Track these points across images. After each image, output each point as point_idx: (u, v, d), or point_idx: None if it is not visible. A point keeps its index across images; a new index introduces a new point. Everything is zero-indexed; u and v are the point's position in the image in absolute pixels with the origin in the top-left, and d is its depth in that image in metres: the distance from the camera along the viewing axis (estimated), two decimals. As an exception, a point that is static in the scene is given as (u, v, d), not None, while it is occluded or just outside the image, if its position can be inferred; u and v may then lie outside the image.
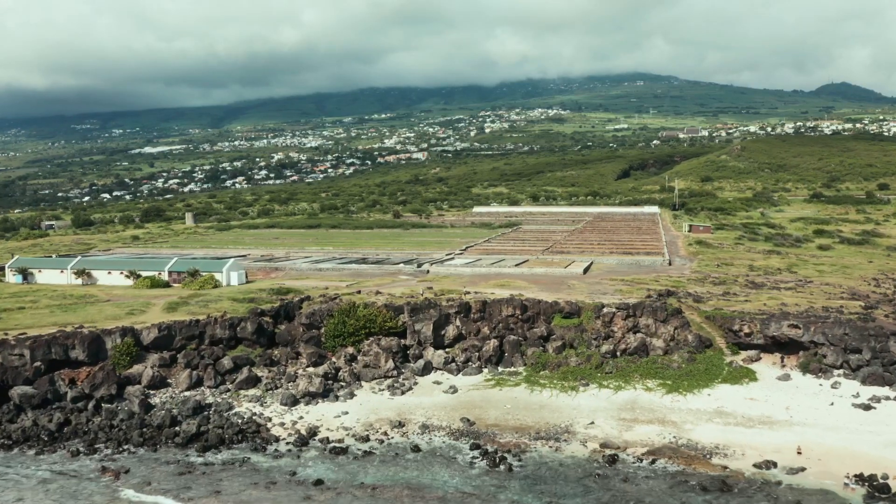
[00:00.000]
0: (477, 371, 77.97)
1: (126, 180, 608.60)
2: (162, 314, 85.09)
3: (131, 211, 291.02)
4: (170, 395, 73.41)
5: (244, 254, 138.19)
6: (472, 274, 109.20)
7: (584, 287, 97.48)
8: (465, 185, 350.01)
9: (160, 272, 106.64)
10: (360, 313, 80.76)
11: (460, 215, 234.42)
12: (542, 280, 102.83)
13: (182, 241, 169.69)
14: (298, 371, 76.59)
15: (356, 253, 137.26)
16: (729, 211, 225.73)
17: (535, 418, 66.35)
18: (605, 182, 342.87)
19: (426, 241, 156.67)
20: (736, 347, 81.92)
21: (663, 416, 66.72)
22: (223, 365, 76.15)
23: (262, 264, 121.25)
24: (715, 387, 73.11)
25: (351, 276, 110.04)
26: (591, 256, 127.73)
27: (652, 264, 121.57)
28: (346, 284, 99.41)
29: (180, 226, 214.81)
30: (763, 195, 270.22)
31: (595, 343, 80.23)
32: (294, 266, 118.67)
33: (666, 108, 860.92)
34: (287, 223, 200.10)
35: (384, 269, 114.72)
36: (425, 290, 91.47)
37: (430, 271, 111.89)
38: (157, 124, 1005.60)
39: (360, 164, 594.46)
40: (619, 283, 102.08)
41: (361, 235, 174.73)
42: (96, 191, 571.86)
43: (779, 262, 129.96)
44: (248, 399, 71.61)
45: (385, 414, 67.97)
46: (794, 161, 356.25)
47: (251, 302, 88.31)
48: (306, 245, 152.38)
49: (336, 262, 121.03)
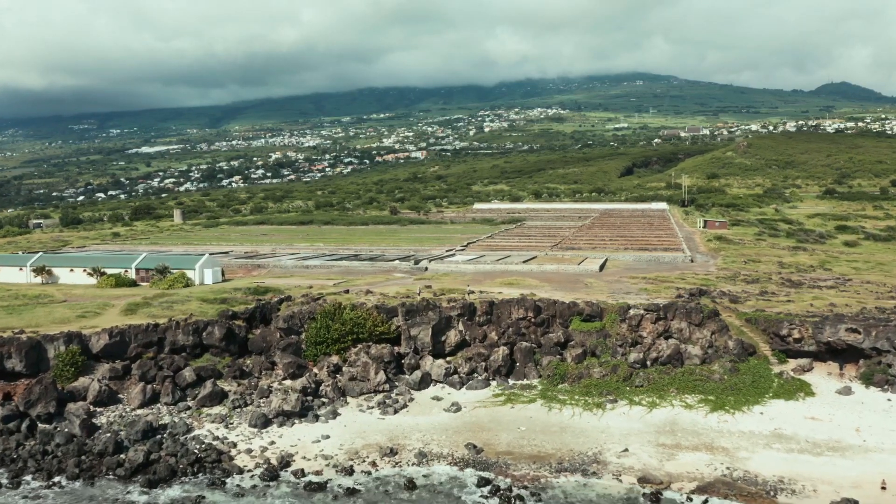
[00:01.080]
0: (484, 384, 65.81)
1: (122, 180, 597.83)
2: (119, 317, 72.96)
3: (122, 209, 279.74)
4: (119, 413, 61.23)
5: (227, 250, 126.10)
6: (475, 271, 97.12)
7: (603, 286, 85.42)
8: (464, 182, 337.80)
9: (126, 269, 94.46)
10: (346, 316, 68.53)
11: (460, 212, 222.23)
12: (555, 278, 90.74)
13: (164, 237, 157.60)
14: (273, 385, 64.47)
15: (348, 249, 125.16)
16: (741, 207, 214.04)
17: (556, 444, 54.22)
18: (609, 179, 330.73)
19: (424, 237, 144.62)
20: (783, 355, 69.95)
21: (711, 440, 54.64)
22: (184, 377, 64.00)
23: (244, 261, 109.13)
24: (767, 403, 61.06)
25: (340, 273, 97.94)
26: (604, 253, 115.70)
27: (673, 261, 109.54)
28: (333, 283, 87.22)
29: (167, 223, 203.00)
30: (774, 191, 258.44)
31: (621, 350, 68.15)
32: (278, 263, 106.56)
33: (666, 108, 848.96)
34: (278, 220, 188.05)
35: (378, 266, 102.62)
36: (423, 290, 79.40)
37: (429, 268, 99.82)
38: (155, 124, 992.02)
39: (357, 163, 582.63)
40: (640, 281, 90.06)
41: (356, 232, 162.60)
42: (91, 190, 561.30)
43: (808, 259, 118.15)
44: (212, 419, 59.45)
45: (374, 438, 55.80)
46: (802, 158, 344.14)
47: (223, 303, 76.18)
48: (295, 241, 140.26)
49: (325, 259, 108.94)
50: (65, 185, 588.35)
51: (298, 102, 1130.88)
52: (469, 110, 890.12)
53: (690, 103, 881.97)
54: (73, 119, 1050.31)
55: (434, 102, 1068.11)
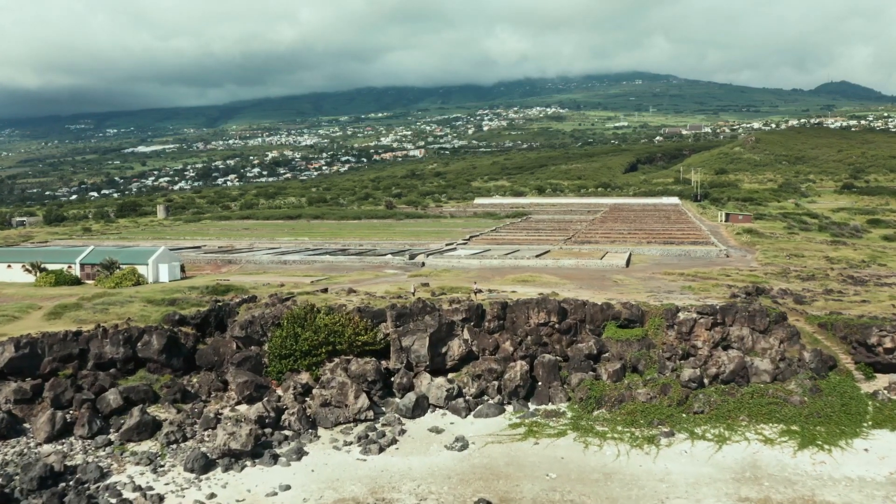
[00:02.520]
0: (497, 410, 50.60)
1: (116, 178, 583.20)
2: (40, 322, 57.78)
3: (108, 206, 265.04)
4: (21, 449, 46.15)
5: (199, 245, 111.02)
6: (480, 267, 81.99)
7: (636, 283, 70.35)
8: (464, 178, 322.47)
9: (70, 265, 79.29)
10: (319, 322, 53.14)
11: (460, 206, 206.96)
12: (576, 274, 75.66)
13: (139, 232, 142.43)
14: (224, 411, 49.36)
15: (336, 244, 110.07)
16: (759, 201, 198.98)
17: (600, 498, 39.15)
18: (613, 175, 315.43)
19: (422, 230, 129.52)
20: (870, 369, 54.92)
21: (811, 492, 39.53)
22: (107, 402, 48.83)
23: (215, 256, 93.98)
24: (869, 435, 46.04)
25: (322, 269, 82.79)
26: (626, 246, 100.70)
27: (706, 255, 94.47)
28: (311, 280, 72.06)
29: (149, 219, 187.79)
30: (790, 186, 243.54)
31: (670, 365, 53.05)
32: (253, 258, 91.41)
33: (665, 107, 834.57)
34: (264, 214, 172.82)
35: (366, 261, 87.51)
36: (418, 288, 64.29)
37: (427, 264, 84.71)
38: (152, 124, 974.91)
39: (355, 162, 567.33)
40: (678, 277, 74.98)
41: (347, 226, 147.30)
42: (85, 189, 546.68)
43: (855, 254, 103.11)
44: (137, 459, 44.29)
45: (351, 489, 40.61)
46: (813, 153, 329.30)
47: (172, 304, 60.97)
48: (279, 236, 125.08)
49: (306, 254, 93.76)
50: (58, 184, 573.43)
51: (296, 102, 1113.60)
52: (467, 109, 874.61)
53: (690, 102, 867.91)
54: (69, 119, 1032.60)
55: (432, 102, 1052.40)
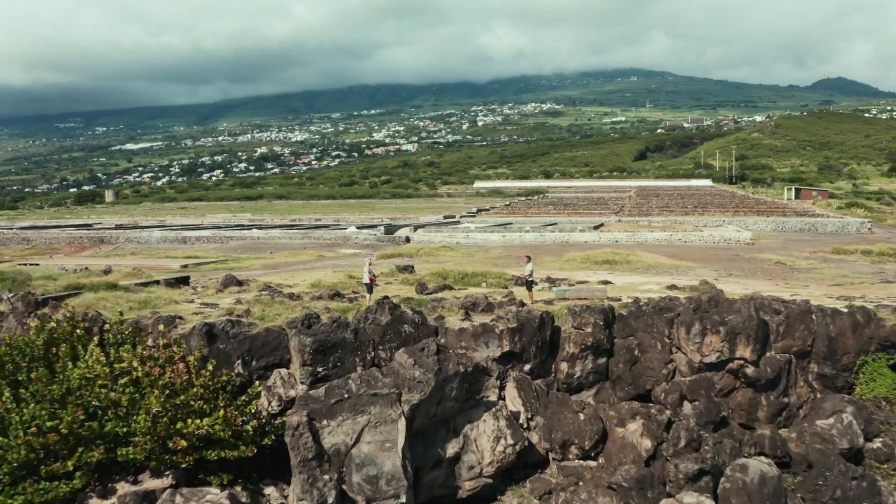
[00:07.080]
0: None
1: (99, 175, 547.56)
2: None
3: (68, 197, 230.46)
4: None
5: (91, 223, 75.77)
6: (505, 244, 46.78)
7: (820, 268, 35.48)
8: (461, 167, 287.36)
9: None
10: (70, 373, 17.37)
11: (459, 189, 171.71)
12: (688, 254, 40.74)
13: (43, 213, 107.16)
14: None
15: (283, 220, 74.89)
16: (808, 181, 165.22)
17: None
18: (624, 162, 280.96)
19: (410, 206, 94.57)
20: None
21: None
22: None
23: (79, 234, 58.56)
24: None
25: (238, 249, 47.58)
26: (711, 217, 65.89)
27: (842, 228, 59.64)
28: (181, 265, 36.74)
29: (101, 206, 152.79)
30: (832, 168, 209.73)
31: None
32: (141, 237, 56.08)
33: (662, 103, 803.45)
34: (217, 195, 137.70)
35: (316, 236, 52.16)
36: (391, 276, 29.01)
37: (413, 239, 49.35)
38: (142, 122, 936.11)
39: (346, 157, 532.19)
40: (859, 257, 40.19)
41: (314, 206, 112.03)
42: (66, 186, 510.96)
43: None
44: None
45: None
46: (839, 139, 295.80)
47: None
48: (214, 213, 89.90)
49: (227, 230, 58.47)
50: (41, 181, 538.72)
51: (288, 100, 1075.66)
52: (461, 106, 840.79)
53: (687, 98, 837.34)
54: (59, 118, 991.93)
55: (426, 99, 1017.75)
